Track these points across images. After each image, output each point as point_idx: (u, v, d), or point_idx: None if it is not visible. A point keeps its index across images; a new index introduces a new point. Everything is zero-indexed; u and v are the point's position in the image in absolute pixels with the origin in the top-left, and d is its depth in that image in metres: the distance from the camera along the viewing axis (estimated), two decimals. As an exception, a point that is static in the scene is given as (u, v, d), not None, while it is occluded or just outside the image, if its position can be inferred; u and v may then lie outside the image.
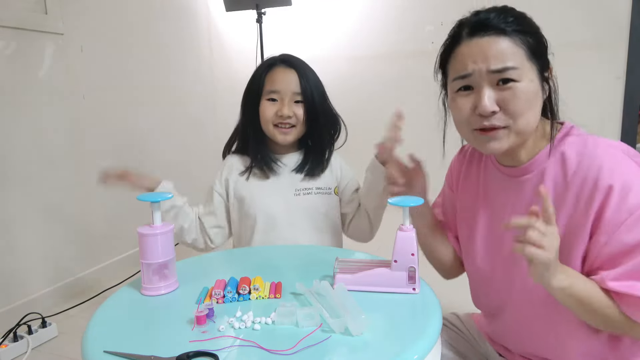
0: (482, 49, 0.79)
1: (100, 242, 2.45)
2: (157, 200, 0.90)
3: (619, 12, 2.91)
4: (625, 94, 2.98)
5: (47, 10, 2.12)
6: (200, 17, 3.29)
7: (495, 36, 0.79)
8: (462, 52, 0.82)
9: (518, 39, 0.79)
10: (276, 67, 1.29)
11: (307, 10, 3.60)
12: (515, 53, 0.78)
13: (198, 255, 1.14)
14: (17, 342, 1.76)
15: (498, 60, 0.78)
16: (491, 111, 0.79)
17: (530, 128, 0.82)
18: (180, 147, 3.02)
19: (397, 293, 0.87)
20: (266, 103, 1.27)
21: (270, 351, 0.68)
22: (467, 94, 0.83)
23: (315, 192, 1.33)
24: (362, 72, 3.60)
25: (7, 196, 1.97)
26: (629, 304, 0.76)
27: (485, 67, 0.79)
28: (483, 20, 0.80)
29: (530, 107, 0.80)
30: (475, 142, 0.86)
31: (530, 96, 0.80)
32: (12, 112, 1.99)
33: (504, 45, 0.78)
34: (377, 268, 0.89)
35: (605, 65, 2.97)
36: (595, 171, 0.77)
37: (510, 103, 0.79)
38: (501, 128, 0.81)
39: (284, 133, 1.28)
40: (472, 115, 0.83)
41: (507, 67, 0.78)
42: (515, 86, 0.79)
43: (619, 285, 0.75)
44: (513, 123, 0.80)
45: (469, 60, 0.80)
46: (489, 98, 0.79)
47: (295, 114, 1.27)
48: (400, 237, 0.86)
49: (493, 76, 0.79)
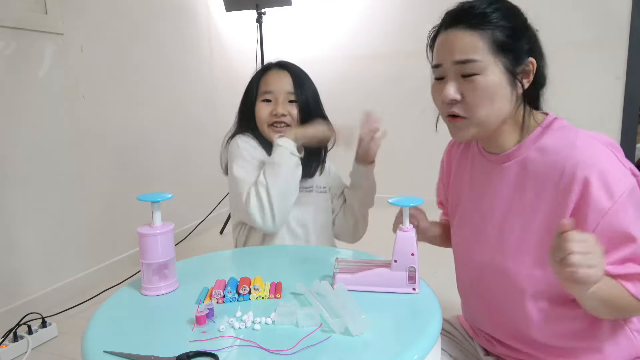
0: (450, 40, 0.84)
1: (100, 242, 2.45)
2: (157, 200, 0.90)
3: (619, 12, 2.91)
4: (625, 94, 2.98)
5: (47, 10, 2.12)
6: (200, 17, 3.29)
7: (463, 30, 0.83)
8: (438, 42, 0.88)
9: (484, 33, 0.82)
10: (270, 70, 1.35)
11: (307, 10, 3.60)
12: (477, 47, 0.82)
13: (198, 255, 1.14)
14: (17, 342, 1.76)
15: (461, 53, 0.82)
16: (450, 99, 0.85)
17: (493, 120, 0.85)
18: (180, 147, 3.02)
19: (397, 293, 0.87)
20: (261, 104, 1.32)
21: (270, 351, 0.68)
22: (439, 83, 0.89)
23: (315, 189, 1.37)
24: (362, 72, 3.60)
25: (7, 196, 1.97)
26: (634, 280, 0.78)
27: (451, 58, 0.84)
28: (457, 13, 0.85)
29: (490, 100, 0.83)
30: (449, 128, 0.92)
31: (491, 90, 0.82)
32: (12, 112, 1.99)
33: (468, 39, 0.82)
34: (377, 268, 0.89)
35: (605, 65, 2.97)
36: (573, 162, 0.80)
37: (469, 95, 0.83)
38: (461, 117, 0.86)
39: (279, 132, 1.30)
40: (442, 103, 0.88)
41: (468, 60, 0.82)
42: (475, 79, 0.82)
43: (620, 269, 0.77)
44: (471, 114, 0.85)
45: (440, 52, 0.87)
46: (451, 87, 0.84)
47: (289, 113, 1.30)
48: (400, 237, 0.86)
49: (457, 68, 0.84)
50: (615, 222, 0.77)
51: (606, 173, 0.78)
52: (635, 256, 0.78)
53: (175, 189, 1.24)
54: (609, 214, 0.77)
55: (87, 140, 2.35)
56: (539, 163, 0.85)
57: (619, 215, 0.77)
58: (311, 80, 1.36)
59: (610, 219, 0.77)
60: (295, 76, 1.32)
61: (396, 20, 3.40)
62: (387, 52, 3.49)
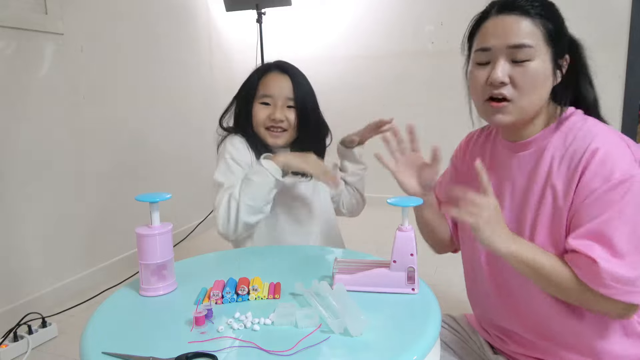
0: (505, 25, 0.86)
1: (100, 242, 2.45)
2: (156, 201, 0.90)
3: (619, 12, 2.91)
4: (625, 93, 2.98)
5: (47, 10, 2.12)
6: (200, 17, 3.29)
7: (518, 16, 0.85)
8: (487, 26, 0.89)
9: (539, 21, 0.85)
10: (270, 72, 1.33)
11: (307, 10, 3.60)
12: (533, 33, 0.85)
13: (196, 255, 1.14)
14: (17, 342, 1.76)
15: (517, 37, 0.84)
16: (500, 82, 0.86)
17: (533, 107, 0.88)
18: (180, 147, 3.02)
19: (396, 293, 0.87)
20: (259, 106, 1.31)
21: (269, 352, 0.68)
22: (483, 67, 0.90)
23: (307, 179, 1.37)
24: (362, 72, 3.60)
25: (7, 196, 1.97)
26: (580, 265, 0.80)
27: (505, 42, 0.85)
28: (511, 1, 0.87)
29: (537, 87, 0.86)
30: (484, 113, 0.93)
31: (539, 77, 0.85)
32: (12, 112, 1.99)
33: (524, 24, 0.85)
34: (376, 268, 0.89)
35: (605, 65, 2.97)
36: (588, 140, 0.84)
37: (520, 79, 0.85)
38: (507, 101, 0.87)
39: (275, 136, 1.30)
40: (485, 85, 0.89)
41: (523, 44, 0.84)
42: (527, 65, 0.85)
43: (577, 243, 0.80)
44: (518, 97, 0.86)
45: (491, 35, 0.87)
46: (502, 69, 0.86)
47: (287, 118, 1.29)
48: (400, 238, 0.86)
49: (510, 52, 0.85)
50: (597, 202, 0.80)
51: (611, 154, 0.80)
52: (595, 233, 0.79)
53: (174, 189, 1.24)
54: (595, 193, 0.80)
55: (87, 140, 2.35)
56: (558, 148, 0.88)
57: (603, 197, 0.79)
58: (310, 84, 1.35)
59: (595, 198, 0.80)
60: (295, 81, 1.31)
61: (396, 20, 3.40)
62: (387, 52, 3.49)
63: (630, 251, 0.78)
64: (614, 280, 0.77)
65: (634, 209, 0.78)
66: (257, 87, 1.32)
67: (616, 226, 0.78)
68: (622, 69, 2.95)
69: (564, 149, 0.86)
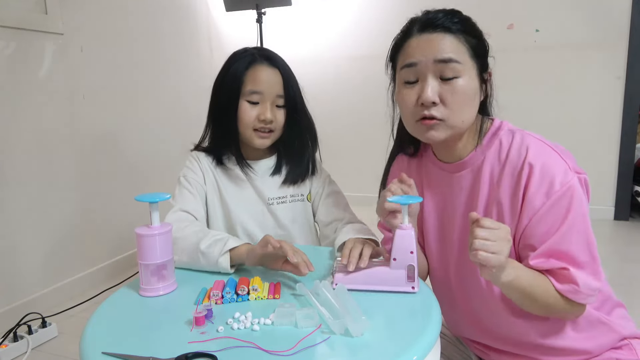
0: (430, 42, 0.85)
1: (100, 242, 2.45)
2: (155, 201, 0.89)
3: (619, 12, 2.90)
4: (625, 94, 2.98)
5: (47, 10, 2.12)
6: (200, 17, 3.29)
7: (442, 33, 0.85)
8: (411, 44, 0.88)
9: (462, 37, 0.85)
10: (258, 64, 1.17)
11: (306, 10, 3.60)
12: (459, 49, 0.84)
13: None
14: (17, 342, 1.76)
15: (444, 52, 0.84)
16: (431, 102, 0.84)
17: (465, 124, 0.88)
18: (181, 147, 3.01)
19: (396, 292, 0.87)
20: (247, 105, 1.16)
21: (269, 352, 0.68)
22: (412, 86, 0.88)
23: (289, 200, 1.26)
24: (362, 72, 3.60)
25: (7, 196, 1.97)
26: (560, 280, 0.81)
27: (432, 57, 0.84)
28: (432, 19, 0.86)
29: (468, 104, 0.86)
30: (417, 131, 0.91)
31: (469, 93, 0.85)
32: (12, 112, 1.99)
33: (449, 41, 0.84)
34: (376, 267, 0.89)
35: (605, 65, 2.97)
36: (523, 153, 0.84)
37: (450, 97, 0.84)
38: (437, 120, 0.86)
39: (263, 137, 1.18)
40: (415, 106, 0.87)
41: (451, 59, 0.83)
42: (456, 82, 0.84)
43: (540, 262, 0.82)
44: (449, 116, 0.85)
45: (417, 51, 0.86)
46: (432, 89, 0.84)
47: (276, 119, 1.18)
48: (399, 235, 0.86)
49: (437, 67, 0.84)
50: (545, 219, 0.81)
51: (547, 167, 0.81)
52: (555, 252, 0.81)
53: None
54: (541, 211, 0.81)
55: (87, 140, 2.35)
56: (495, 164, 0.88)
57: (549, 214, 0.81)
58: (295, 77, 1.23)
59: (541, 216, 0.81)
60: (286, 76, 1.18)
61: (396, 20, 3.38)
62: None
63: (588, 261, 0.81)
64: (587, 288, 0.80)
65: (580, 217, 0.80)
66: (244, 82, 1.16)
67: (571, 239, 0.80)
68: (622, 69, 2.95)
69: (501, 165, 0.87)
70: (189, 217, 1.15)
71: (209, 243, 1.00)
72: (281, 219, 1.25)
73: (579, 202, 0.80)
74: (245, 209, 1.24)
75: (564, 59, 3.04)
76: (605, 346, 0.90)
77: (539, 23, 3.03)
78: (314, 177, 1.30)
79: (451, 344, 1.11)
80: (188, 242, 1.02)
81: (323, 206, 1.28)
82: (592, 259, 0.81)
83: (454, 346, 1.10)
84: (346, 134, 3.64)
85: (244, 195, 1.24)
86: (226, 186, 1.24)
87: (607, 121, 3.04)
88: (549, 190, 0.81)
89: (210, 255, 0.98)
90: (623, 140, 3.03)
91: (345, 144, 3.61)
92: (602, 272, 0.82)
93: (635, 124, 3.03)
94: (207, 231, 1.07)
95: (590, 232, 0.81)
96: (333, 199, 1.28)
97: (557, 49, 3.04)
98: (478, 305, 0.94)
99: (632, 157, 3.06)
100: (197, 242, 1.01)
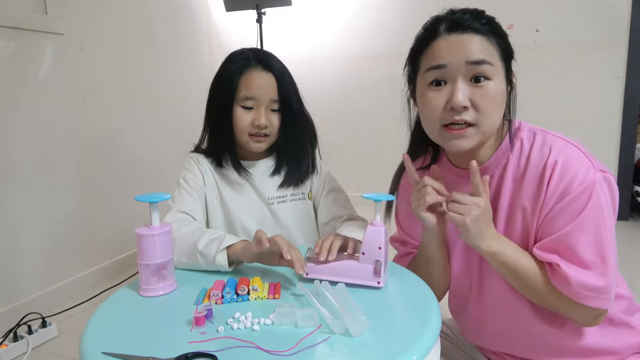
0: (461, 43, 0.81)
1: (100, 242, 2.45)
2: (155, 201, 0.89)
3: (619, 12, 2.90)
4: (625, 94, 2.98)
5: (47, 10, 2.12)
6: (200, 17, 3.29)
7: (472, 34, 0.81)
8: (439, 45, 0.83)
9: (493, 39, 0.82)
10: (252, 69, 1.16)
11: (306, 10, 3.60)
12: (491, 51, 0.82)
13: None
14: (17, 342, 1.76)
15: (476, 53, 0.80)
16: (463, 106, 0.81)
17: (494, 128, 0.85)
18: (181, 147, 3.01)
19: (362, 286, 0.88)
20: (241, 111, 1.17)
21: (269, 352, 0.68)
22: (438, 89, 0.84)
23: (290, 199, 1.26)
24: (363, 72, 3.60)
25: (7, 196, 1.97)
26: (551, 271, 0.81)
27: (464, 58, 0.80)
28: (460, 19, 0.83)
29: (498, 107, 0.83)
30: (440, 138, 0.87)
31: (499, 96, 0.83)
32: (12, 112, 1.99)
33: (481, 42, 0.81)
34: (346, 260, 0.92)
35: (605, 65, 2.97)
36: (546, 154, 0.82)
37: (482, 101, 0.81)
38: (470, 126, 0.83)
39: (258, 142, 1.18)
40: (444, 110, 0.83)
41: (484, 60, 0.80)
42: (487, 84, 0.81)
43: (542, 254, 0.81)
44: (481, 121, 0.82)
45: (446, 53, 0.82)
46: (463, 92, 0.81)
47: (271, 124, 1.18)
48: (370, 231, 0.88)
49: (469, 69, 0.81)
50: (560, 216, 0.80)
51: (569, 164, 0.80)
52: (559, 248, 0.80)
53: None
54: (557, 207, 0.80)
55: (87, 140, 2.35)
56: (517, 167, 0.86)
57: (565, 211, 0.79)
58: (293, 79, 1.22)
59: (556, 212, 0.80)
60: (281, 80, 1.17)
61: (397, 20, 3.39)
62: (388, 52, 3.49)
63: (596, 262, 0.78)
64: (582, 287, 0.78)
65: (595, 217, 0.78)
66: (238, 87, 1.16)
67: (578, 237, 0.78)
68: (622, 69, 2.95)
69: (523, 168, 0.85)
70: (186, 218, 1.15)
71: (206, 242, 1.00)
72: (281, 219, 1.25)
73: (596, 202, 0.78)
74: (245, 209, 1.24)
75: (564, 59, 3.04)
76: (631, 348, 0.89)
77: (539, 23, 3.03)
78: (314, 175, 1.30)
79: (453, 345, 1.10)
80: (185, 242, 1.02)
81: (323, 205, 1.28)
82: (602, 260, 0.78)
83: (456, 347, 1.10)
84: (346, 134, 3.64)
85: (244, 196, 1.25)
86: (226, 187, 1.24)
87: (607, 121, 3.04)
88: (567, 187, 0.79)
89: (208, 255, 0.98)
90: (623, 140, 3.03)
91: (345, 143, 3.61)
92: (613, 275, 0.79)
93: (635, 124, 3.03)
94: (204, 230, 1.07)
95: (605, 233, 0.78)
96: (333, 196, 1.28)
97: (557, 49, 3.04)
98: (500, 313, 0.92)
99: (632, 157, 3.06)
100: (195, 242, 1.01)
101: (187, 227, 1.09)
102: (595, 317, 0.83)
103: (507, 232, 0.87)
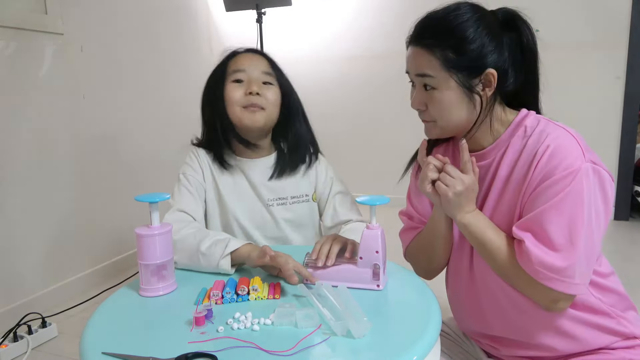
0: (411, 56, 0.92)
1: (100, 242, 2.45)
2: (155, 201, 0.90)
3: (619, 12, 2.90)
4: (625, 94, 2.98)
5: (47, 10, 2.12)
6: (200, 17, 3.29)
7: (417, 47, 0.90)
8: (406, 54, 0.95)
9: (435, 51, 0.88)
10: (241, 53, 1.23)
11: (307, 10, 3.60)
12: (431, 64, 0.88)
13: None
14: (17, 342, 1.76)
15: (418, 68, 0.90)
16: (416, 108, 0.94)
17: (455, 125, 0.92)
18: (181, 147, 3.01)
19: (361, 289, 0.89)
20: (231, 85, 1.17)
21: (269, 352, 0.68)
22: (413, 89, 0.96)
23: (290, 201, 1.25)
24: (363, 72, 3.60)
25: (7, 196, 1.97)
26: (517, 248, 0.85)
27: (413, 71, 0.92)
28: (414, 32, 0.92)
29: (449, 111, 0.90)
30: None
31: (446, 103, 0.89)
32: (13, 112, 1.99)
33: (422, 56, 0.89)
34: (344, 264, 0.92)
35: (605, 65, 2.97)
36: (543, 138, 0.86)
37: (430, 106, 0.91)
38: (429, 121, 0.94)
39: (252, 112, 1.15)
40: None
41: (425, 74, 0.89)
42: (433, 93, 0.90)
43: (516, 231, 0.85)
44: (437, 119, 0.92)
45: (407, 63, 0.94)
46: (415, 98, 0.93)
47: (264, 94, 1.16)
48: (366, 235, 0.89)
49: (419, 79, 0.91)
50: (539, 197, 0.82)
51: (560, 149, 0.83)
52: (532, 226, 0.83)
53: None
54: (539, 189, 0.83)
55: (87, 140, 2.35)
56: (515, 154, 0.89)
57: (544, 193, 0.82)
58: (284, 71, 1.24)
59: (537, 193, 0.83)
60: (271, 60, 1.21)
61: (396, 20, 3.39)
62: (388, 52, 3.49)
63: (564, 245, 0.80)
64: (542, 266, 0.80)
65: (572, 202, 0.80)
66: (228, 65, 1.19)
67: (550, 218, 0.80)
68: (622, 69, 2.95)
69: (519, 153, 0.89)
70: (186, 218, 1.14)
71: (209, 244, 1.00)
72: (280, 220, 1.25)
73: (577, 188, 0.80)
74: (243, 207, 1.23)
75: (564, 59, 3.03)
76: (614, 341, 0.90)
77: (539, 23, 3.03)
78: (317, 177, 1.29)
79: (455, 343, 1.10)
80: (187, 243, 1.02)
81: (328, 208, 1.28)
82: (570, 244, 0.80)
83: (458, 345, 1.10)
84: (346, 134, 3.64)
85: (242, 194, 1.24)
86: (224, 183, 1.24)
87: (607, 121, 3.04)
88: (552, 170, 0.81)
89: (211, 257, 0.98)
90: (623, 140, 3.03)
91: (345, 143, 3.61)
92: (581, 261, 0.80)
93: (635, 124, 3.03)
94: (206, 232, 1.07)
95: (580, 220, 0.79)
96: (338, 200, 1.28)
97: (557, 49, 3.04)
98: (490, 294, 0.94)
99: (632, 157, 3.06)
100: (197, 244, 1.01)
101: (186, 228, 1.09)
102: (553, 300, 0.83)
103: (496, 211, 0.91)
